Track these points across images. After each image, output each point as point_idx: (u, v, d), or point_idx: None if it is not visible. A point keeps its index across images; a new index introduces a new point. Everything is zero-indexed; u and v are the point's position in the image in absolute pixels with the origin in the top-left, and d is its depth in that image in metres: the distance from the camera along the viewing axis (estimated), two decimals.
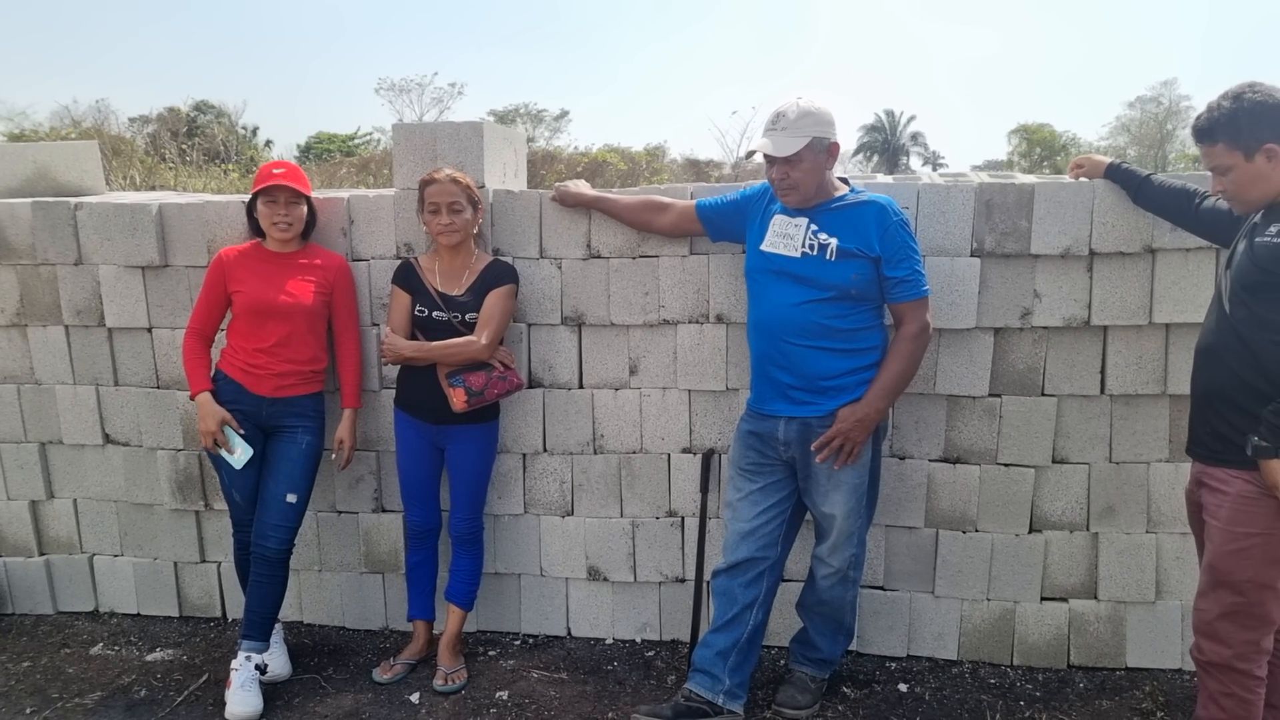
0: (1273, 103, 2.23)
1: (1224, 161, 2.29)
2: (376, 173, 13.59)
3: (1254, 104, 2.23)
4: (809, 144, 2.72)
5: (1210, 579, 2.36)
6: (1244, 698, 2.34)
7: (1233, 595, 2.31)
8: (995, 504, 3.27)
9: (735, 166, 20.16)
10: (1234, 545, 2.30)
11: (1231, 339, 2.30)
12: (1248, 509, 2.27)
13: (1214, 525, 2.36)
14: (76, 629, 3.71)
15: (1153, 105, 41.75)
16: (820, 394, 2.82)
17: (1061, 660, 3.32)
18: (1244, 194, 2.31)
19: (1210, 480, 2.39)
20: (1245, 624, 2.32)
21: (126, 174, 10.22)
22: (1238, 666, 2.33)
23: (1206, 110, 2.33)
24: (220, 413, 3.08)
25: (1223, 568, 2.32)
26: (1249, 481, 2.26)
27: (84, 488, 3.77)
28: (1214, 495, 2.37)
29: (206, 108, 28.68)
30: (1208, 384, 2.38)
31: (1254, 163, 2.25)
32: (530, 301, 3.39)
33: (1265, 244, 2.24)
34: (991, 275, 3.14)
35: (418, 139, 3.34)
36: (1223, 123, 2.27)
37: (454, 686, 3.19)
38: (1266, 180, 2.26)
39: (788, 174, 2.75)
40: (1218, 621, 2.34)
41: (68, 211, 3.54)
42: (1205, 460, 2.42)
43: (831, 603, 3.00)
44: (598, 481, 3.48)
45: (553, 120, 36.17)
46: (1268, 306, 2.22)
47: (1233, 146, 2.27)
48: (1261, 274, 2.23)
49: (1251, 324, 2.25)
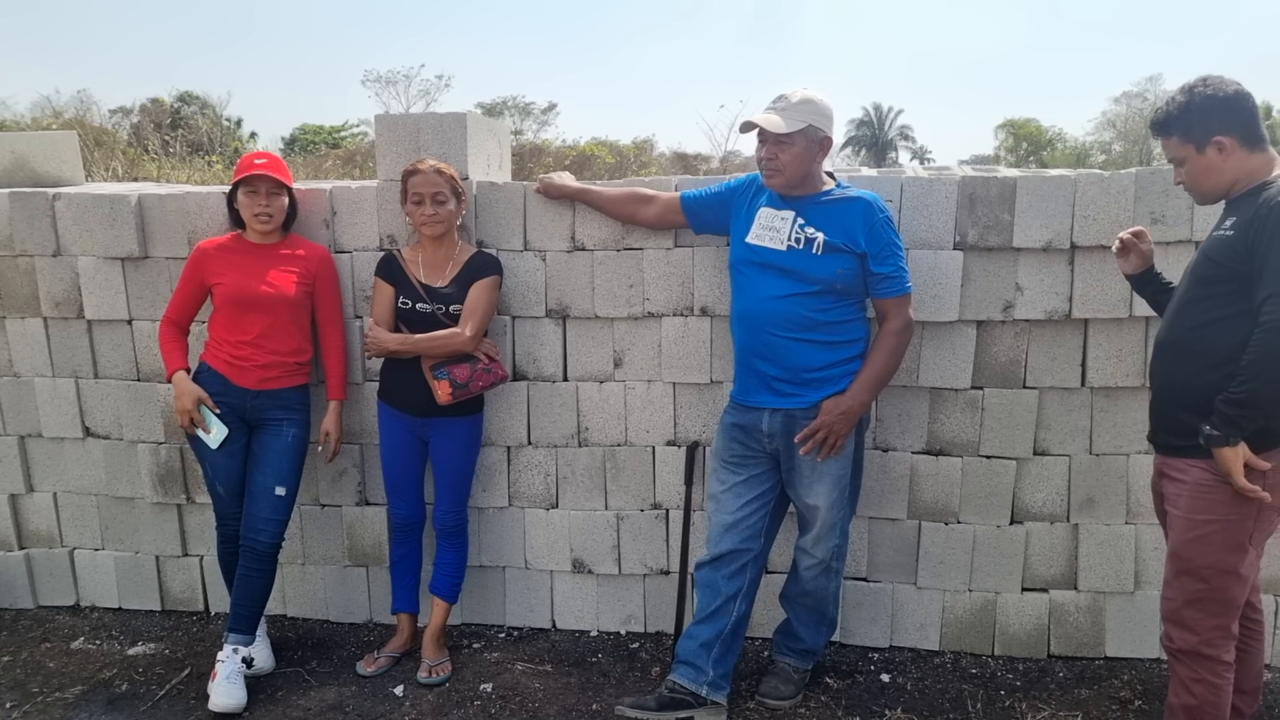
0: (1222, 96, 2.26)
1: (1178, 154, 2.34)
2: (363, 165, 13.53)
3: (1204, 98, 2.27)
4: (803, 130, 2.74)
5: (1174, 568, 2.40)
6: (1213, 683, 2.37)
7: (1196, 582, 2.35)
8: (977, 495, 3.29)
9: (723, 160, 20.14)
10: (1195, 533, 2.33)
11: (1186, 332, 2.34)
12: (1206, 497, 2.31)
13: (1174, 514, 2.40)
14: (57, 623, 3.69)
15: (1138, 101, 41.99)
16: (804, 385, 2.83)
17: (1042, 650, 3.35)
18: (1198, 185, 2.36)
19: (1170, 470, 2.43)
20: (1210, 610, 2.35)
21: (109, 166, 10.12)
22: (1205, 653, 2.36)
23: (1163, 105, 2.38)
24: (196, 390, 3.06)
25: (1185, 555, 2.36)
26: (1206, 470, 2.29)
27: (64, 481, 3.75)
28: (1173, 485, 2.41)
29: (190, 99, 28.48)
30: (1165, 376, 2.42)
31: (1205, 155, 2.29)
32: (514, 294, 3.38)
33: (1218, 237, 2.28)
34: (974, 268, 3.16)
35: (401, 130, 3.33)
36: (1176, 116, 2.32)
37: (438, 679, 3.19)
38: (1218, 172, 2.30)
39: (776, 155, 2.77)
40: (1184, 609, 2.38)
41: (46, 202, 3.51)
42: (1164, 452, 2.46)
43: (815, 594, 3.01)
44: (582, 474, 3.48)
45: (540, 113, 36.08)
46: (1221, 300, 2.26)
47: (1185, 140, 2.31)
48: (1213, 266, 2.27)
49: (1205, 318, 2.28)
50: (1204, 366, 2.28)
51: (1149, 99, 41.54)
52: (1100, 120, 43.55)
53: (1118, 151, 39.56)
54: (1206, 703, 2.38)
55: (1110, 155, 39.06)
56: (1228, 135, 2.25)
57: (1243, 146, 2.26)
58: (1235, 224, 2.23)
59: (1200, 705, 2.39)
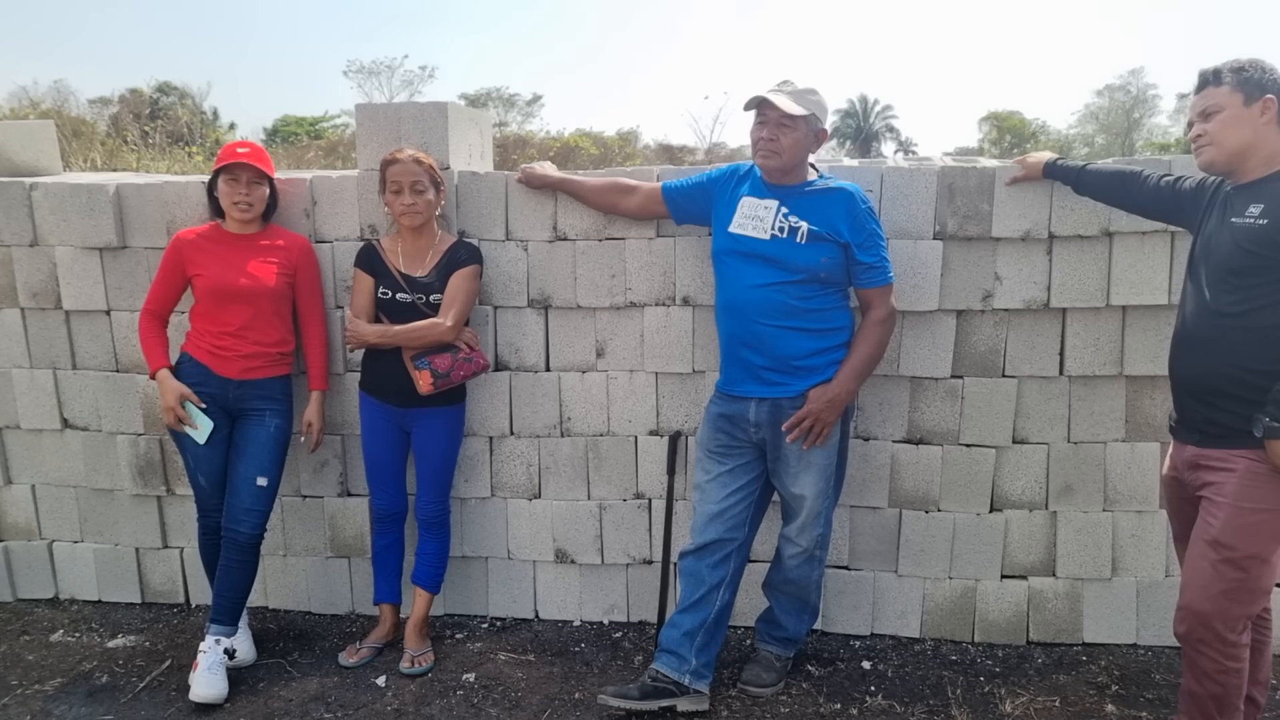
0: (1275, 71, 2.32)
1: (1221, 102, 2.32)
2: (345, 156, 13.44)
3: (1264, 65, 2.32)
4: (806, 118, 2.76)
5: (1215, 556, 2.32)
6: (1237, 669, 2.36)
7: (1236, 571, 2.31)
8: (957, 484, 3.32)
9: (708, 151, 20.15)
10: (1241, 520, 2.30)
11: (1219, 326, 2.31)
12: (1256, 485, 2.28)
13: (1220, 501, 2.34)
14: (36, 616, 3.67)
15: (1120, 93, 42.31)
16: (791, 374, 2.84)
17: (1021, 637, 3.38)
18: (1225, 136, 2.32)
19: (1209, 461, 2.38)
20: (1243, 599, 2.33)
21: (87, 156, 10.03)
22: (1230, 638, 2.34)
23: (1219, 63, 2.38)
24: (180, 387, 3.04)
25: (1229, 543, 2.31)
26: (1255, 459, 2.27)
27: (42, 473, 3.71)
28: (1216, 474, 2.36)
29: (169, 89, 28.20)
30: (1196, 372, 2.38)
31: (1250, 109, 2.29)
32: (496, 284, 3.37)
33: (1246, 225, 2.26)
34: (954, 258, 3.17)
35: (382, 120, 3.31)
36: (1233, 68, 2.33)
37: (421, 669, 3.19)
38: (1251, 130, 2.29)
39: (778, 136, 2.77)
40: (1219, 597, 2.33)
41: (23, 192, 3.47)
42: (1202, 444, 2.40)
43: (798, 582, 3.03)
44: (565, 464, 3.48)
45: (525, 105, 35.97)
46: (1261, 289, 2.24)
47: (1237, 89, 2.30)
48: (1248, 256, 2.25)
49: (1242, 307, 2.26)
50: (1248, 355, 2.26)
51: (1131, 91, 41.86)
52: (1083, 113, 43.88)
53: (1100, 144, 39.83)
54: (1231, 689, 2.37)
55: (1093, 148, 39.32)
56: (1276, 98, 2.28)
57: (1277, 120, 2.28)
58: (1265, 211, 2.22)
59: (1225, 693, 2.37)
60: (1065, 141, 39.93)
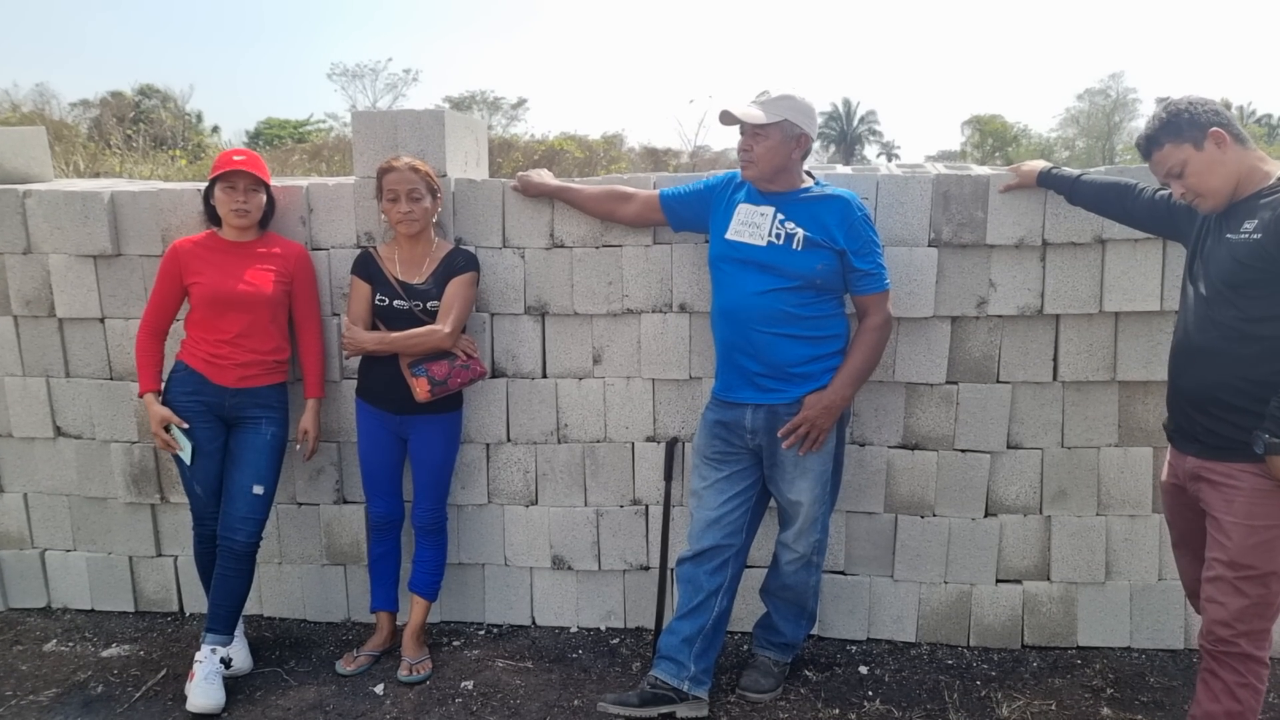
0: (1202, 102, 2.31)
1: (1176, 159, 2.31)
2: (329, 159, 13.38)
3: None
4: (779, 124, 2.78)
5: (1236, 574, 2.32)
6: (1257, 686, 2.35)
7: (1258, 588, 2.30)
8: (952, 489, 3.34)
9: (693, 155, 20.19)
10: (1256, 539, 2.29)
11: (1221, 339, 2.31)
12: (1264, 502, 2.28)
13: (1227, 520, 2.32)
14: (29, 625, 3.63)
15: (1101, 97, 42.70)
16: (787, 381, 2.86)
17: (1016, 640, 3.41)
18: (1205, 184, 2.31)
19: (1212, 475, 2.37)
20: (1266, 615, 2.33)
21: (70, 160, 9.94)
22: (1256, 655, 2.34)
23: (1144, 126, 2.39)
24: (163, 412, 3.04)
25: (1248, 562, 2.29)
26: (1260, 475, 2.27)
27: (35, 481, 3.68)
28: (1221, 490, 2.35)
29: (152, 92, 27.97)
30: (1198, 383, 2.38)
31: (1205, 150, 2.28)
32: (493, 291, 3.38)
33: (1243, 241, 2.25)
34: (948, 265, 3.20)
35: (378, 127, 3.31)
36: (1164, 123, 2.32)
37: (419, 677, 3.18)
38: (1222, 165, 2.28)
39: (751, 146, 2.83)
40: (1244, 614, 2.32)
41: (16, 199, 3.45)
42: (1203, 455, 2.40)
43: (795, 587, 3.05)
44: (562, 471, 3.49)
45: (510, 108, 35.90)
46: (1262, 302, 2.24)
47: (1179, 142, 2.30)
48: (1244, 269, 2.24)
49: (1241, 321, 2.27)
50: (1247, 367, 2.26)
51: (1112, 95, 42.25)
52: (1064, 116, 44.26)
53: (1081, 148, 40.19)
54: (1249, 708, 2.35)
55: (1074, 151, 39.66)
56: (1221, 128, 2.26)
57: (1234, 142, 2.28)
58: (1259, 226, 2.21)
59: (1244, 710, 2.36)
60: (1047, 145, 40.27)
